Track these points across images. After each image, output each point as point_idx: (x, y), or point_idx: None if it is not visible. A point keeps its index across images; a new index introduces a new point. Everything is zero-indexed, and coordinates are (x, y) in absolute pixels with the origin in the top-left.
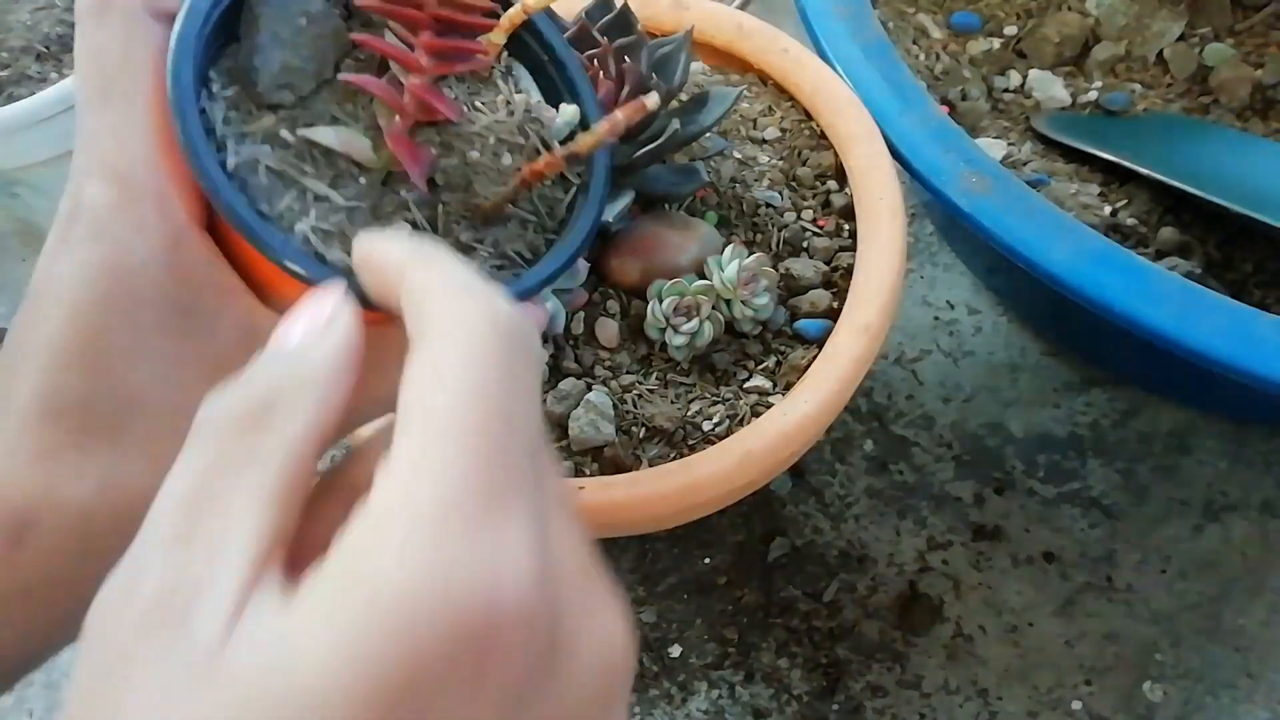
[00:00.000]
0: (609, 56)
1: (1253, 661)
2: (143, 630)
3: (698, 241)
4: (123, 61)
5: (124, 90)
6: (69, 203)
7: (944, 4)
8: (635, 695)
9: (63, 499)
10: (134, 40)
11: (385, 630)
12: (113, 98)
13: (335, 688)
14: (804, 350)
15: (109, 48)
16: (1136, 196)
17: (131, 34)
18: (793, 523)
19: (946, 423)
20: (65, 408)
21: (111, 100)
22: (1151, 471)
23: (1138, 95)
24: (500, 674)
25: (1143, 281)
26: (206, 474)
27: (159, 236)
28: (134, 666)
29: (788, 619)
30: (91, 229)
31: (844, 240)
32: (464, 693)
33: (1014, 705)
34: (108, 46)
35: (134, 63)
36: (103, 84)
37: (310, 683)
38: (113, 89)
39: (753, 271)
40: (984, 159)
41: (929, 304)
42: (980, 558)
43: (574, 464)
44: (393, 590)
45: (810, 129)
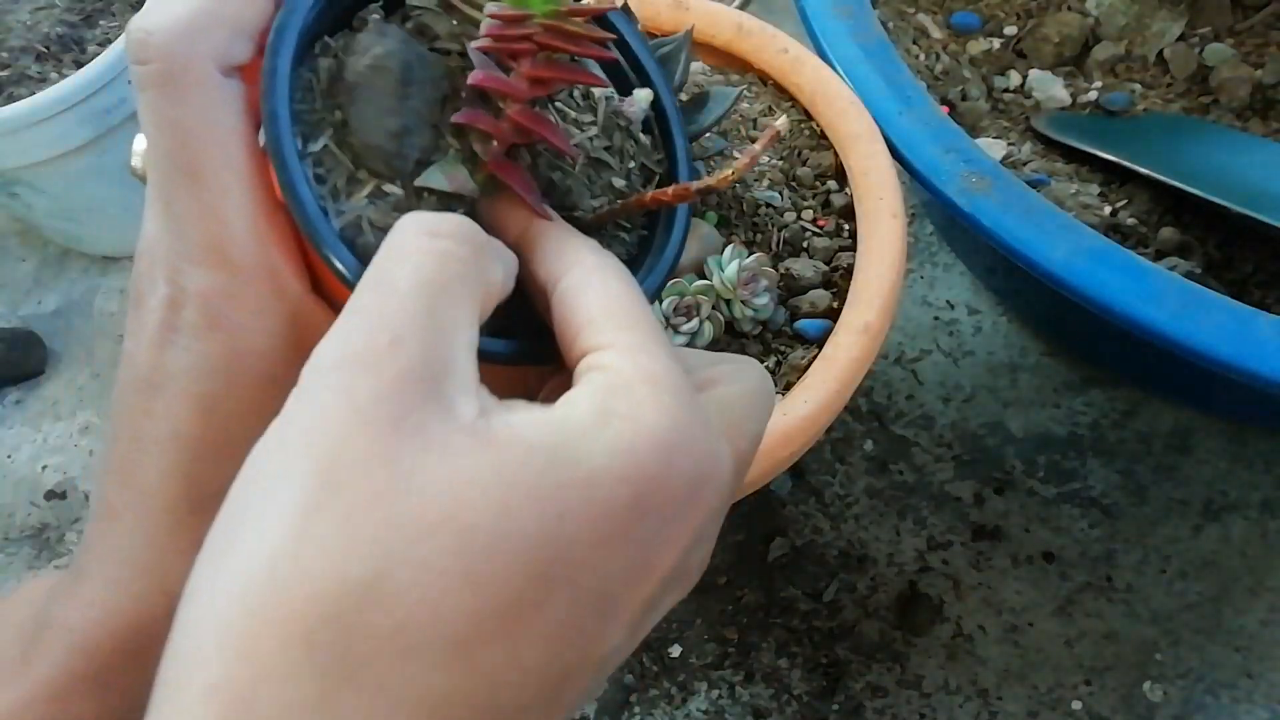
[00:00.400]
0: None
1: (1252, 661)
2: (405, 393)
3: (698, 241)
4: (207, 133)
5: (216, 166)
6: (168, 289)
7: (944, 4)
8: (635, 695)
9: None
10: (214, 108)
11: (650, 456)
12: (204, 175)
13: (609, 479)
14: (804, 350)
15: (188, 121)
16: (1136, 196)
17: (210, 102)
18: (793, 523)
19: (946, 423)
20: (206, 499)
21: (204, 178)
22: (1151, 471)
23: (1138, 95)
24: (701, 514)
25: (1143, 281)
26: (443, 270)
27: (279, 317)
28: (401, 425)
29: (788, 619)
30: (206, 317)
31: (844, 240)
32: (682, 517)
33: (1014, 705)
34: (186, 120)
35: (221, 133)
36: (189, 161)
37: (592, 466)
38: (203, 166)
39: (753, 271)
40: (984, 159)
41: (929, 304)
42: (980, 558)
43: None
44: (653, 429)
45: (810, 129)
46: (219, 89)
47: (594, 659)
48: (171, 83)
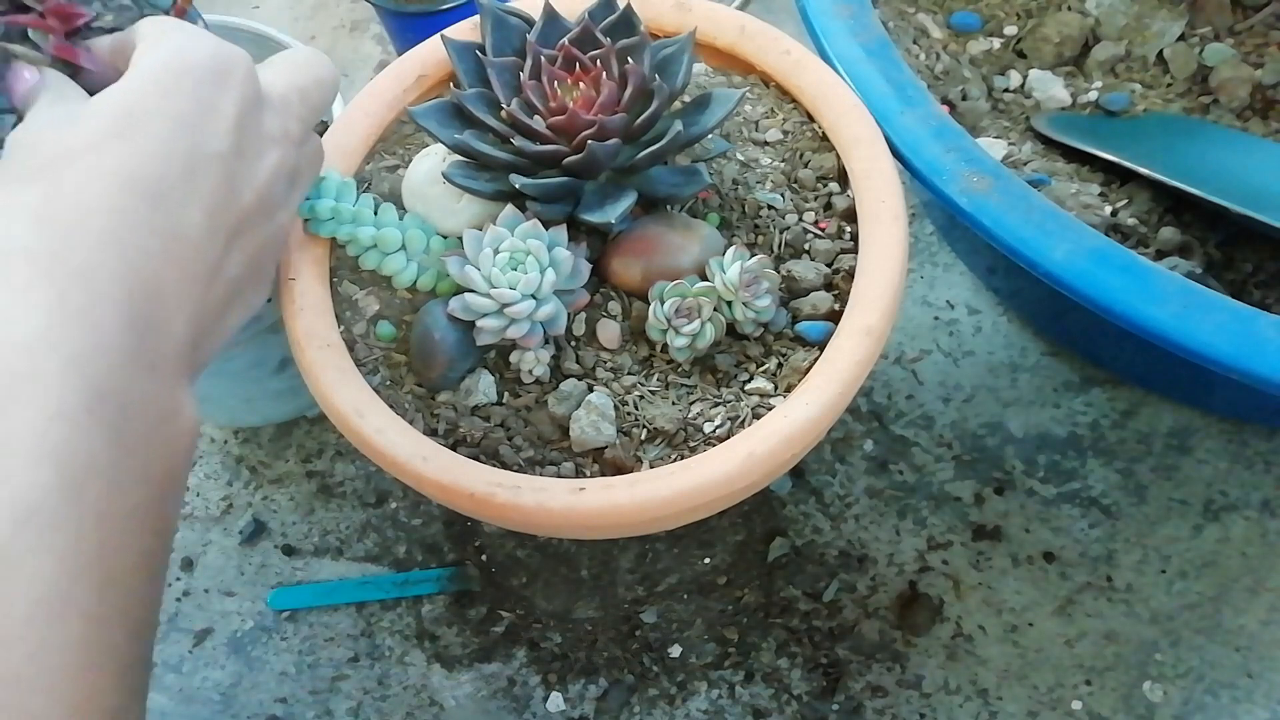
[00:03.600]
0: (611, 57)
1: (1252, 661)
2: None
3: (699, 243)
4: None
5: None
6: None
7: (944, 4)
8: (635, 695)
9: None
10: None
11: (177, 47)
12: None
13: (157, 64)
14: (805, 352)
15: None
16: (1137, 196)
17: None
18: (793, 523)
19: (946, 423)
20: None
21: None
22: (1151, 471)
23: (1138, 95)
24: (236, 86)
25: (1143, 281)
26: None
27: None
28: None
29: (788, 619)
30: None
31: (845, 243)
32: (218, 82)
33: (1014, 705)
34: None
35: None
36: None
37: (148, 62)
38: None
39: (754, 273)
40: (985, 158)
41: (929, 304)
42: (980, 558)
43: (575, 465)
44: (179, 39)
45: (812, 131)
46: None
47: (201, 156)
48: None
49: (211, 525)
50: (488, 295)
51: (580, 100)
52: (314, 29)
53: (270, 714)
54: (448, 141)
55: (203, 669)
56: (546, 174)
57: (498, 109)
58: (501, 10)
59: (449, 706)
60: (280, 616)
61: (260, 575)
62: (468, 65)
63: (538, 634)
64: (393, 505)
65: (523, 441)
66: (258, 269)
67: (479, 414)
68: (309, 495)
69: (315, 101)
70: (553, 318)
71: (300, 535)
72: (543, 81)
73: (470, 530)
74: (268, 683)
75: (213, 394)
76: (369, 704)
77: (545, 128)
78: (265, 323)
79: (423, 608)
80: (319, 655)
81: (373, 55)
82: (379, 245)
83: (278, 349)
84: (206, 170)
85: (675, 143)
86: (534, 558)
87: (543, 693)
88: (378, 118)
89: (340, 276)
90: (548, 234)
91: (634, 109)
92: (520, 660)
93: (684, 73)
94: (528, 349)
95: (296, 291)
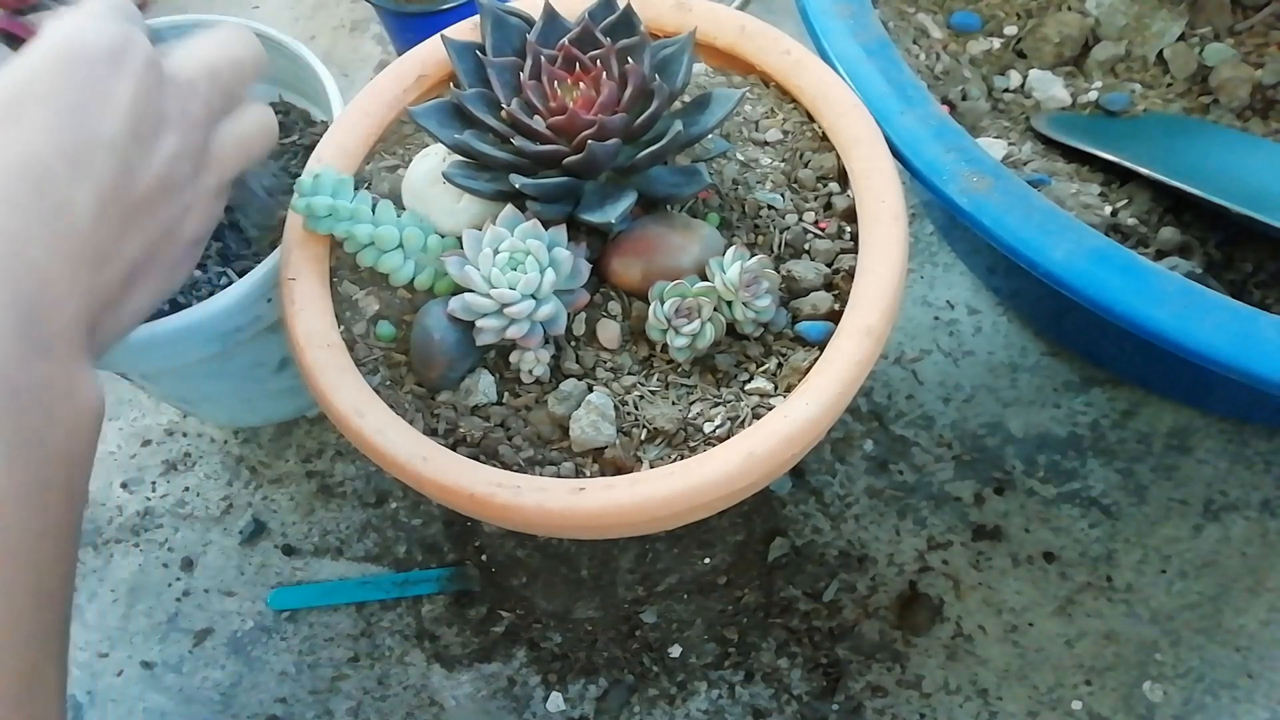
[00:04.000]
0: (611, 57)
1: (1252, 661)
2: None
3: (699, 243)
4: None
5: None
6: None
7: (944, 4)
8: (635, 695)
9: None
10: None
11: (74, 27)
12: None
13: (52, 46)
14: (805, 353)
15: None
16: (1137, 196)
17: None
18: (793, 523)
19: (946, 423)
20: None
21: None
22: (1151, 471)
23: (1138, 95)
24: (134, 63)
25: (1143, 281)
26: None
27: None
28: None
29: (788, 619)
30: None
31: (845, 243)
32: (114, 60)
33: (1014, 705)
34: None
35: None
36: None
37: (46, 44)
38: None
39: (754, 273)
40: (985, 158)
41: (929, 304)
42: (980, 558)
43: (575, 465)
44: (76, 19)
45: (812, 131)
46: None
47: (90, 142)
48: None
49: (211, 525)
50: (487, 295)
51: (580, 100)
52: (314, 29)
53: (270, 714)
54: (448, 141)
55: (203, 669)
56: (546, 174)
57: (498, 109)
58: (501, 10)
59: (449, 706)
60: (280, 616)
61: (260, 575)
62: (468, 65)
63: (538, 634)
64: (393, 505)
65: (523, 441)
66: (164, 253)
67: (479, 414)
68: (309, 495)
69: (227, 81)
70: (553, 318)
71: (300, 535)
72: (543, 81)
73: (470, 530)
74: (268, 683)
75: (213, 394)
76: (369, 704)
77: (545, 128)
78: (265, 323)
79: (423, 608)
80: (319, 655)
81: (373, 55)
82: (376, 243)
83: (278, 349)
84: (96, 156)
85: (675, 143)
86: (534, 558)
87: (543, 693)
88: (378, 118)
89: (340, 276)
90: (548, 234)
91: (634, 109)
92: (520, 660)
93: (684, 73)
94: (528, 349)
95: (296, 291)
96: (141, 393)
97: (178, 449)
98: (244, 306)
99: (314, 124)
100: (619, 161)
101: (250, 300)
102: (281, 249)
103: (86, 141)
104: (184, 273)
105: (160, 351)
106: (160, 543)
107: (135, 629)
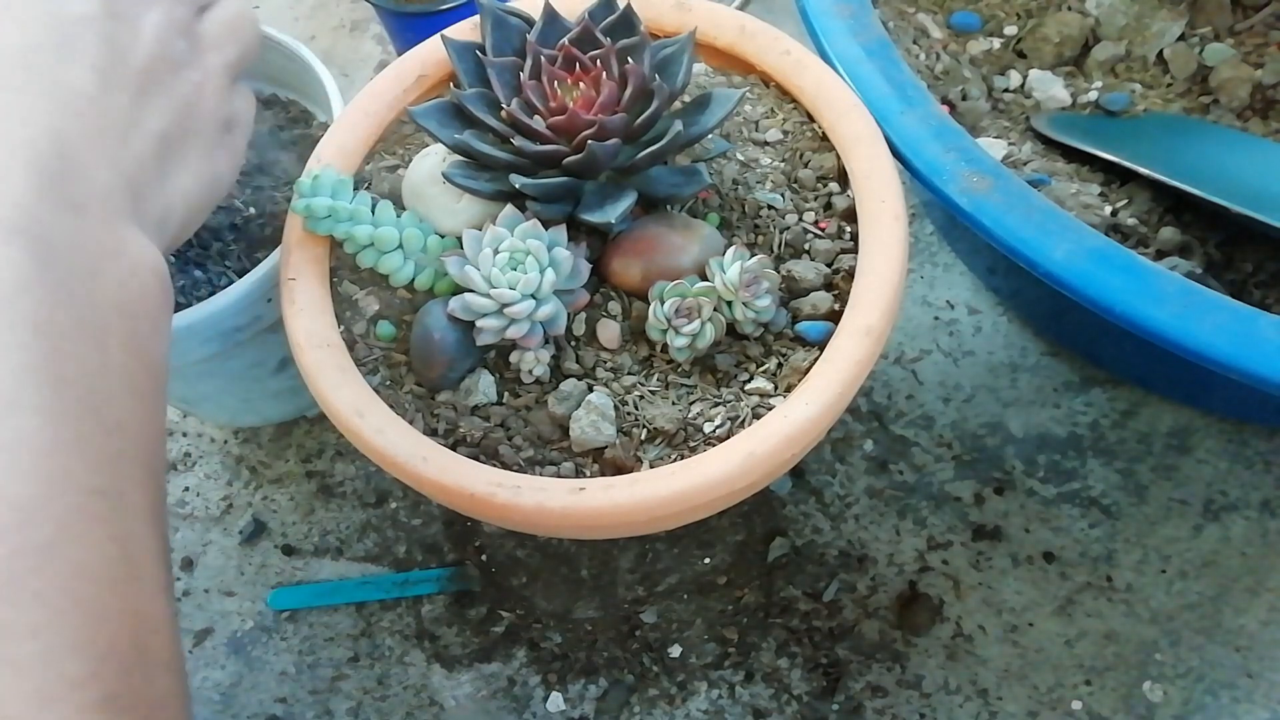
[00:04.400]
0: (611, 57)
1: (1252, 661)
2: None
3: (699, 243)
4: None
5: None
6: None
7: (944, 4)
8: (635, 695)
9: None
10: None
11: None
12: None
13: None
14: (805, 353)
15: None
16: (1137, 196)
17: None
18: (793, 523)
19: (946, 423)
20: None
21: None
22: (1151, 471)
23: (1138, 95)
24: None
25: (1143, 281)
26: None
27: None
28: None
29: (788, 619)
30: None
31: (845, 243)
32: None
33: (1014, 705)
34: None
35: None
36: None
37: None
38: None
39: (754, 273)
40: (985, 158)
41: (929, 304)
42: (980, 558)
43: (575, 465)
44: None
45: (812, 131)
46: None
47: (64, 19)
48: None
49: (211, 525)
50: (487, 295)
51: (580, 100)
52: (314, 29)
53: (270, 714)
54: (448, 141)
55: (203, 669)
56: (546, 174)
57: (498, 109)
58: (501, 10)
59: (449, 706)
60: (280, 616)
61: (260, 575)
62: (468, 65)
63: (538, 634)
64: (393, 505)
65: (523, 441)
66: (190, 128)
67: (479, 414)
68: (309, 495)
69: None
70: (553, 318)
71: (300, 535)
72: (543, 81)
73: (470, 530)
74: (268, 683)
75: (212, 394)
76: (369, 704)
77: (545, 128)
78: (265, 323)
79: (423, 608)
80: (319, 655)
81: (373, 55)
82: (376, 244)
83: (278, 349)
84: (75, 31)
85: (675, 143)
86: (534, 558)
87: (543, 693)
88: (378, 118)
89: (340, 276)
90: (548, 234)
91: (634, 109)
92: (520, 660)
93: (684, 73)
94: (528, 349)
95: (296, 291)
96: None
97: (178, 449)
98: (244, 306)
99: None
100: (619, 161)
101: (250, 300)
102: (282, 249)
103: (61, 21)
104: (226, 159)
105: None
106: None
107: None
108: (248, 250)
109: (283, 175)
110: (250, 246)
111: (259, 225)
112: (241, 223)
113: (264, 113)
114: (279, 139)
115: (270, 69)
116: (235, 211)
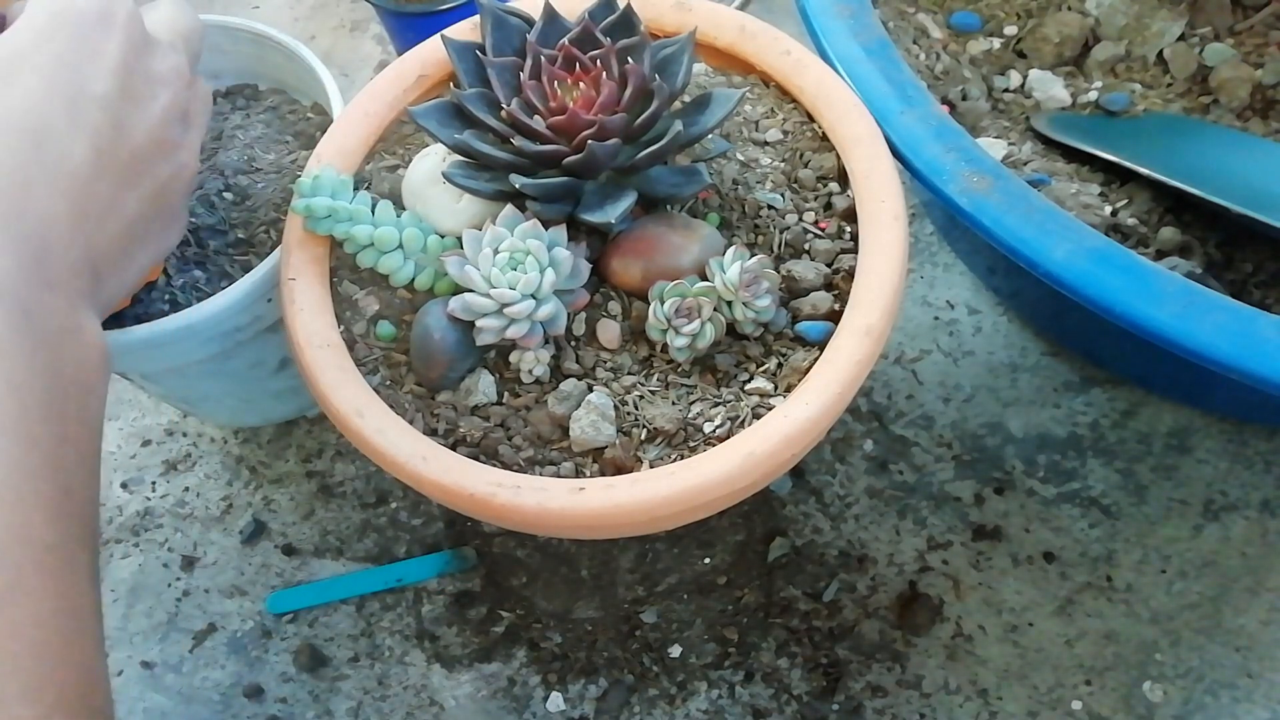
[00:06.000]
0: (611, 57)
1: (1252, 661)
2: None
3: (699, 243)
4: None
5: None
6: None
7: (944, 4)
8: (635, 695)
9: None
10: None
11: (60, 2)
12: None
13: (44, 12)
14: (805, 353)
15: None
16: (1137, 196)
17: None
18: (793, 523)
19: (946, 423)
20: None
21: None
22: (1151, 471)
23: (1138, 95)
24: (120, 20)
25: (1143, 281)
26: None
27: None
28: None
29: (788, 619)
30: None
31: (845, 243)
32: (103, 22)
33: (1014, 705)
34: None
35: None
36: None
37: (39, 11)
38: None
39: (754, 273)
40: (985, 158)
41: (929, 304)
42: (980, 558)
43: (575, 465)
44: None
45: (812, 131)
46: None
47: (83, 97)
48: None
49: (211, 525)
50: (487, 295)
51: (580, 100)
52: (314, 29)
53: (270, 714)
54: (448, 141)
55: (203, 669)
56: (546, 174)
57: (498, 109)
58: (501, 10)
59: (449, 706)
60: (280, 618)
61: (260, 575)
62: (468, 65)
63: (538, 634)
64: (393, 505)
65: (523, 441)
66: (161, 210)
67: (479, 414)
68: (309, 495)
69: (196, 47)
70: (552, 318)
71: (300, 535)
72: (543, 81)
73: (470, 530)
74: (268, 683)
75: (213, 394)
76: (369, 704)
77: (545, 128)
78: (265, 323)
79: (423, 608)
80: (319, 655)
81: (373, 55)
82: (376, 244)
83: (278, 349)
84: (90, 110)
85: (675, 143)
86: (534, 558)
87: (543, 693)
88: (378, 118)
89: (340, 276)
90: (548, 234)
91: (634, 109)
92: (520, 660)
93: (684, 73)
94: (528, 349)
95: (296, 291)
96: (141, 393)
97: (178, 449)
98: (244, 306)
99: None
100: (619, 161)
101: (250, 300)
102: (282, 249)
103: (81, 97)
104: (177, 233)
105: (160, 351)
106: (160, 543)
107: (135, 629)
108: (247, 250)
109: (284, 172)
110: (250, 247)
111: (259, 226)
112: (240, 223)
113: (262, 111)
114: (276, 135)
115: (271, 69)
116: (232, 210)
